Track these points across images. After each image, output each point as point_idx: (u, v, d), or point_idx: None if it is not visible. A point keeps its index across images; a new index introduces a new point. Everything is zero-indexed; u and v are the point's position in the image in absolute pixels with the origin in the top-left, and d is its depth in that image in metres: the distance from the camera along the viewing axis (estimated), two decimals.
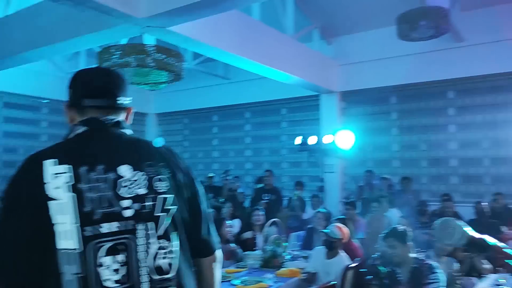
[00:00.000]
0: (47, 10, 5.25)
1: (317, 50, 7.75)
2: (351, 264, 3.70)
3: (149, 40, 5.18)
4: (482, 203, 5.93)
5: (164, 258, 1.16)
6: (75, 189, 1.08)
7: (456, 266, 3.62)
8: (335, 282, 3.29)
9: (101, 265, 1.07)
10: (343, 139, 7.62)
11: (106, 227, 1.09)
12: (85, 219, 1.07)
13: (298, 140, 7.92)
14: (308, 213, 6.65)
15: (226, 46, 5.42)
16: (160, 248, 1.16)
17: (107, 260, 1.08)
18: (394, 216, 5.77)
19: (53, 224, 1.05)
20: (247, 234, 4.74)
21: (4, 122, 8.37)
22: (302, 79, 7.03)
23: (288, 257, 4.37)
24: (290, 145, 9.01)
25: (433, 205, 6.44)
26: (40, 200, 1.07)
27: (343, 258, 3.77)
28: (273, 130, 9.49)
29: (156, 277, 1.14)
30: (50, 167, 1.09)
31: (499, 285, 3.08)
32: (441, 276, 3.00)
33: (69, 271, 1.04)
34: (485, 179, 7.25)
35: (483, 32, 6.80)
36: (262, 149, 9.56)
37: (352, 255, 3.99)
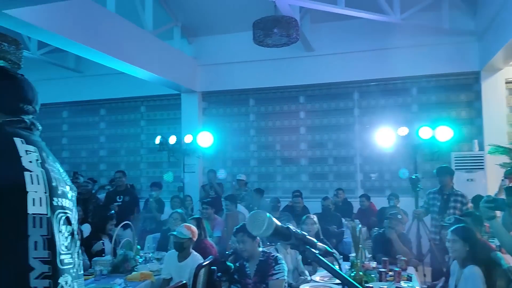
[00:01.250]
0: None
1: (178, 49, 7.67)
2: (202, 262, 3.70)
3: None
4: (328, 198, 6.53)
5: None
6: (43, 166, 1.24)
7: (299, 257, 3.93)
8: (185, 282, 3.26)
9: (60, 231, 1.22)
10: (203, 139, 7.69)
11: (64, 202, 1.28)
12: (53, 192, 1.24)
13: (157, 140, 7.73)
14: (167, 214, 6.51)
15: (74, 36, 5.01)
16: None
17: (63, 228, 1.24)
18: (246, 212, 6.04)
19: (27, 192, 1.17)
20: (97, 246, 4.39)
21: None
22: (162, 77, 6.88)
23: (140, 260, 4.21)
24: (149, 145, 8.75)
25: (285, 201, 6.88)
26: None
27: (195, 257, 3.76)
28: (131, 128, 9.08)
29: None
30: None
31: None
32: (284, 266, 3.20)
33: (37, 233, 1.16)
34: (329, 176, 8.02)
35: (330, 43, 7.52)
36: (119, 149, 9.08)
37: (205, 253, 4.00)
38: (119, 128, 9.14)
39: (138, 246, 4.37)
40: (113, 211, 4.93)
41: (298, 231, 1.25)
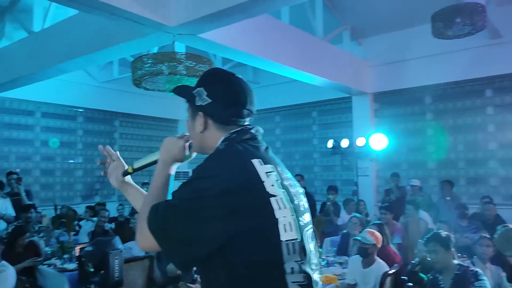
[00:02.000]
0: (82, 22, 5.40)
1: (348, 51, 7.65)
2: (389, 270, 3.58)
3: (180, 47, 5.23)
4: None
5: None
6: (283, 186, 1.19)
7: (503, 274, 3.47)
8: None
9: (311, 251, 1.19)
10: (376, 141, 7.48)
11: (305, 217, 1.23)
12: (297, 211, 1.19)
13: (330, 143, 7.82)
14: (343, 218, 6.53)
15: (255, 50, 5.42)
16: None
17: (311, 246, 1.20)
18: (427, 219, 5.61)
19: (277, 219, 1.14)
20: None
21: (42, 131, 8.65)
22: (333, 81, 6.94)
23: (323, 263, 4.29)
24: (322, 149, 8.93)
25: (472, 207, 6.20)
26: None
27: (380, 265, 3.66)
28: (304, 133, 9.40)
29: None
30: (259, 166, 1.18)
31: None
32: (487, 284, 2.86)
33: (292, 259, 1.13)
34: None
35: None
36: (293, 153, 9.48)
37: (389, 261, 3.87)
38: (293, 133, 9.55)
39: (320, 249, 4.47)
40: None
41: None
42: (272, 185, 1.15)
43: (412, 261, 4.05)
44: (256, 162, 1.17)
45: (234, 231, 1.09)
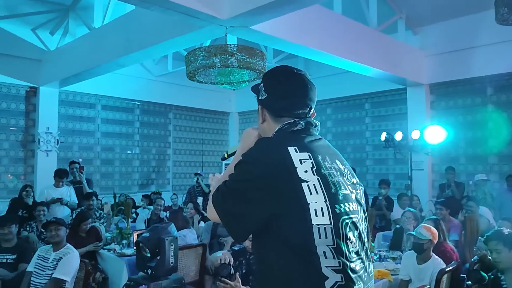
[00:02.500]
0: (139, 17, 5.61)
1: (403, 41, 7.39)
2: (446, 268, 3.46)
3: (231, 40, 5.29)
4: None
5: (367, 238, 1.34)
6: (320, 173, 1.24)
7: None
8: (428, 287, 3.10)
9: (348, 239, 1.22)
10: (432, 134, 7.19)
11: (347, 206, 1.26)
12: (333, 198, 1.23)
13: (383, 136, 7.62)
14: (396, 212, 6.36)
15: (307, 41, 5.38)
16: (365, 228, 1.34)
17: (350, 235, 1.22)
18: (488, 216, 5.34)
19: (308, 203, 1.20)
20: None
21: (102, 123, 9.10)
22: (388, 72, 6.76)
23: (375, 257, 4.22)
24: (374, 142, 8.73)
25: None
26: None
27: (436, 261, 3.53)
28: (356, 126, 9.22)
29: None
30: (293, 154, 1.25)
31: None
32: None
33: (324, 243, 1.18)
34: None
35: None
36: (345, 146, 9.33)
37: (445, 258, 3.73)
38: (345, 126, 9.40)
39: (372, 244, 4.40)
40: None
41: None
42: (305, 171, 1.21)
43: (472, 259, 3.90)
44: (291, 149, 1.24)
45: (272, 212, 1.20)
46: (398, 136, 7.50)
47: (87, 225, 4.82)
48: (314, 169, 1.23)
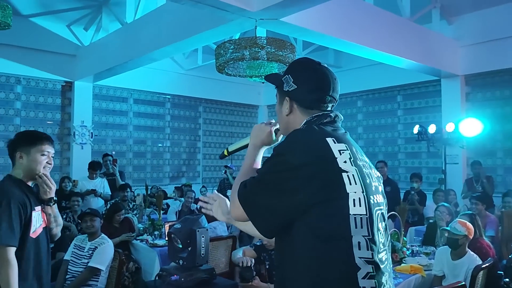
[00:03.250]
0: (169, 11, 5.66)
1: (437, 31, 7.17)
2: (482, 264, 3.36)
3: (261, 32, 5.27)
4: None
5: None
6: (356, 164, 1.26)
7: None
8: (463, 283, 3.01)
9: (378, 230, 1.24)
10: (467, 127, 6.97)
11: (377, 198, 1.28)
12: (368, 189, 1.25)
13: (416, 129, 7.46)
14: (428, 208, 6.22)
15: (338, 33, 5.29)
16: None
17: (380, 225, 1.25)
18: None
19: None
20: None
21: (134, 116, 9.28)
22: (421, 63, 6.57)
23: (408, 252, 4.14)
24: (407, 135, 8.55)
25: None
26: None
27: (472, 257, 3.43)
28: (388, 119, 9.03)
29: None
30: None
31: None
32: None
33: (359, 234, 1.19)
34: None
35: None
36: (376, 139, 9.16)
37: (481, 254, 3.62)
38: (376, 118, 9.23)
39: (405, 238, 4.32)
40: None
41: None
42: (345, 162, 1.23)
43: (509, 256, 3.77)
44: (330, 140, 1.26)
45: (310, 202, 1.19)
46: (432, 129, 7.32)
47: (120, 216, 4.95)
48: (351, 160, 1.25)
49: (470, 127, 6.96)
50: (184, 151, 10.06)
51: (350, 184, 1.20)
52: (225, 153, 1.70)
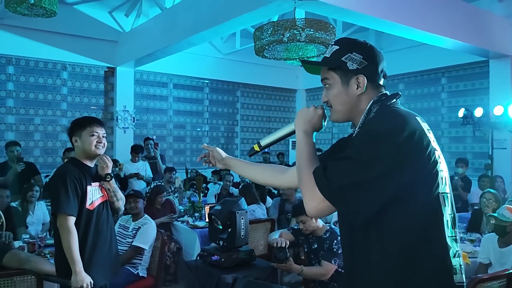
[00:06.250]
0: None
1: (487, 9, 6.80)
2: None
3: (300, 14, 5.18)
4: None
5: None
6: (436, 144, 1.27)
7: None
8: (511, 271, 2.90)
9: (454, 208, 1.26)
10: None
11: (446, 181, 1.26)
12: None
13: (461, 113, 7.17)
14: (473, 194, 6.00)
15: (379, 13, 5.12)
16: None
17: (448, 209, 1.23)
18: None
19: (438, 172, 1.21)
20: None
21: (174, 101, 9.44)
22: (468, 43, 6.27)
23: None
24: (451, 118, 8.24)
25: None
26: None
27: None
28: (431, 102, 8.72)
29: None
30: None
31: None
32: None
33: (447, 212, 1.21)
34: None
35: None
36: None
37: None
38: (418, 102, 8.94)
39: None
40: None
41: None
42: (434, 140, 1.24)
43: None
44: (419, 118, 1.26)
45: (408, 179, 1.15)
46: (478, 112, 7.02)
47: (162, 198, 5.08)
48: (434, 140, 1.25)
49: None
50: (222, 135, 10.16)
51: (439, 162, 1.21)
52: (256, 148, 1.52)
